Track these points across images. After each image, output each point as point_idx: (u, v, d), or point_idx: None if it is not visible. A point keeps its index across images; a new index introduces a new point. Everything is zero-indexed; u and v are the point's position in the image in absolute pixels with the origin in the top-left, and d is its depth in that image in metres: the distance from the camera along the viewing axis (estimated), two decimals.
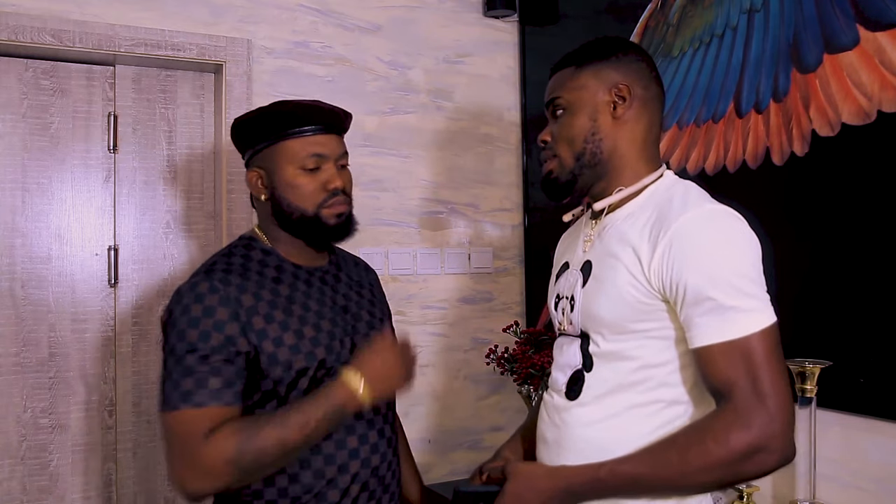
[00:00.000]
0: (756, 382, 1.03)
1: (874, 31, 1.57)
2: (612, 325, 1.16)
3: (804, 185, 1.73)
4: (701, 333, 1.06)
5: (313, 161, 1.35)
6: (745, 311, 1.04)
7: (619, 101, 1.21)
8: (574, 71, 1.25)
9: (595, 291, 1.19)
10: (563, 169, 1.24)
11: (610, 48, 1.25)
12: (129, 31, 2.18)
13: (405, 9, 2.59)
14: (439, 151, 2.63)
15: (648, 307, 1.12)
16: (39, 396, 2.16)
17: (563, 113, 1.24)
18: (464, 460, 2.62)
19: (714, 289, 1.05)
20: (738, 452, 1.02)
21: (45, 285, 2.18)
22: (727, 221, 1.11)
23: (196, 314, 1.25)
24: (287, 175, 1.35)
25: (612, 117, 1.21)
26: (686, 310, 1.08)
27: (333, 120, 1.38)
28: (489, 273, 2.71)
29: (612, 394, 1.16)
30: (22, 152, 2.17)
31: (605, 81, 1.22)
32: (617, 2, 2.32)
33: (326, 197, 1.35)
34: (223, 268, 1.32)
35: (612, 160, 1.22)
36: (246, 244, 1.41)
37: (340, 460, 1.31)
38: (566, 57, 1.28)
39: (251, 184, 1.42)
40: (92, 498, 2.21)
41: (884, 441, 1.58)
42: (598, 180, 1.24)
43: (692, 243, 1.08)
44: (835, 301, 1.65)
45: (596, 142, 1.21)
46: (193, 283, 1.29)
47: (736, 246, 1.09)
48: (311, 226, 1.36)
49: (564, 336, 1.28)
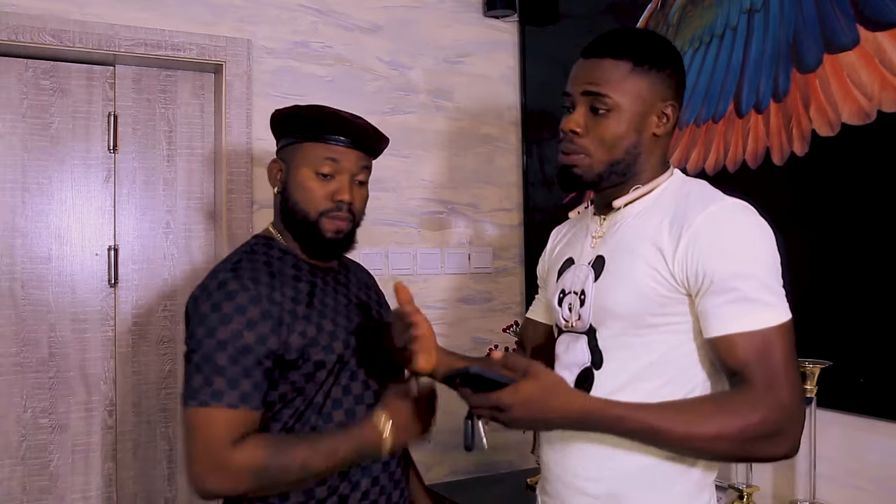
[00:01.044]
0: (772, 373, 1.05)
1: (874, 31, 1.57)
2: (630, 318, 1.16)
3: (804, 186, 1.73)
4: (722, 323, 1.08)
5: (328, 167, 1.35)
6: (767, 305, 1.07)
7: (664, 119, 1.21)
8: (631, 70, 1.18)
9: (611, 285, 1.19)
10: (590, 170, 1.21)
11: (666, 58, 1.21)
12: (129, 31, 2.18)
13: (405, 9, 2.59)
14: (439, 151, 2.63)
15: (669, 300, 1.13)
16: (39, 396, 2.16)
17: (609, 113, 1.18)
18: (464, 460, 2.62)
19: (739, 279, 1.07)
20: (758, 430, 1.04)
21: (45, 285, 2.18)
22: (749, 215, 1.14)
23: (227, 311, 1.25)
24: (301, 176, 1.37)
25: (653, 133, 1.21)
26: (708, 298, 1.09)
27: (360, 135, 1.38)
28: (489, 273, 2.71)
29: (624, 389, 1.15)
30: (22, 152, 2.17)
31: (658, 96, 1.19)
32: (617, 2, 2.32)
33: (331, 207, 1.36)
34: (250, 266, 1.33)
35: (637, 166, 1.22)
36: (265, 242, 1.43)
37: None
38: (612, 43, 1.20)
39: (270, 172, 1.43)
40: (92, 498, 2.21)
41: (884, 441, 1.58)
42: (620, 183, 1.24)
43: (718, 235, 1.10)
44: (835, 301, 1.65)
45: (635, 154, 1.21)
46: (222, 280, 1.29)
47: (761, 240, 1.12)
48: (309, 231, 1.38)
49: (569, 333, 1.27)
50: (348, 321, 1.40)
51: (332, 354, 1.34)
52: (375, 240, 2.52)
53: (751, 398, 1.05)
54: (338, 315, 1.39)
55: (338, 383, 1.35)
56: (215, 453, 1.21)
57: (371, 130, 1.40)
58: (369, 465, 1.35)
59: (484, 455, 2.65)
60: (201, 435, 1.22)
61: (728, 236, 1.10)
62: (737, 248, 1.10)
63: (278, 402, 1.32)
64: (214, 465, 1.21)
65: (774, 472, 1.76)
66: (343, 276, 1.49)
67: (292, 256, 1.41)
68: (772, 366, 1.05)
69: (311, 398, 1.32)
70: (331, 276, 1.45)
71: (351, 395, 1.36)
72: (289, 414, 1.32)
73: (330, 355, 1.33)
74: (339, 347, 1.35)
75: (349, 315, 1.41)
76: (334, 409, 1.34)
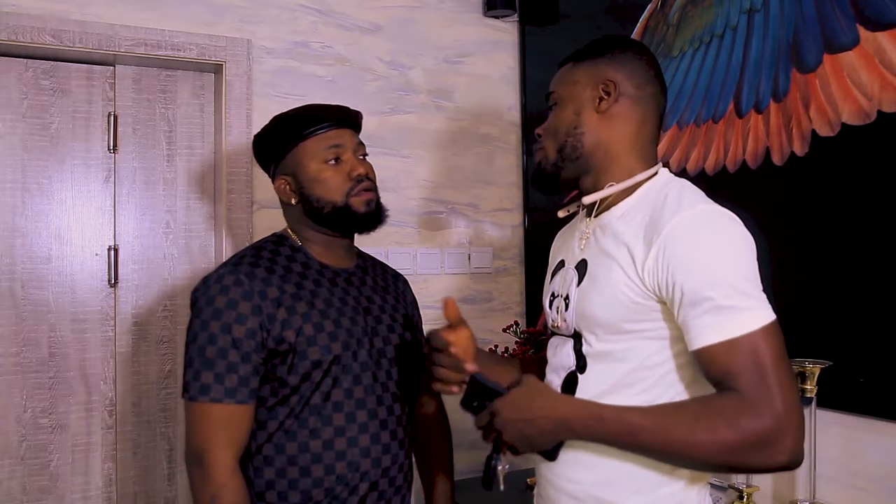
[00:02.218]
0: (762, 379, 0.99)
1: (874, 31, 1.57)
2: (607, 325, 1.15)
3: (804, 186, 1.72)
4: (700, 334, 1.04)
5: (333, 152, 1.41)
6: (744, 310, 1.02)
7: (605, 96, 1.21)
8: (571, 67, 1.27)
9: (590, 291, 1.18)
10: (546, 160, 1.26)
11: (608, 45, 1.25)
12: (129, 31, 2.18)
13: (405, 9, 2.59)
14: (439, 151, 2.63)
15: (642, 307, 1.11)
16: (39, 396, 2.16)
17: (555, 107, 1.27)
18: (464, 460, 2.62)
19: (711, 289, 1.03)
20: (747, 439, 0.98)
21: (45, 285, 2.18)
22: (720, 221, 1.09)
23: (219, 305, 1.30)
24: (311, 172, 1.40)
25: (595, 112, 1.21)
26: (683, 311, 1.06)
27: (343, 115, 1.44)
28: (489, 273, 2.71)
29: (607, 395, 1.14)
30: (22, 152, 2.17)
31: (596, 77, 1.22)
32: (617, 2, 2.32)
33: (352, 185, 1.41)
34: (250, 261, 1.36)
35: (596, 155, 1.22)
36: (276, 240, 1.45)
37: (351, 457, 1.34)
38: (571, 54, 1.30)
39: (280, 191, 1.46)
40: (92, 498, 2.21)
41: (884, 441, 1.58)
42: (584, 174, 1.24)
43: (686, 245, 1.06)
44: (835, 301, 1.65)
45: (577, 135, 1.22)
46: (220, 274, 1.34)
47: (730, 245, 1.07)
48: (343, 216, 1.41)
49: (557, 336, 1.28)
50: (353, 324, 1.40)
51: (328, 354, 1.34)
52: (375, 240, 2.51)
53: (744, 405, 0.99)
54: (342, 317, 1.39)
55: (338, 385, 1.35)
56: (196, 447, 1.28)
57: (347, 108, 1.46)
58: (368, 469, 1.35)
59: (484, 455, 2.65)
60: (193, 428, 1.30)
61: (696, 246, 1.06)
62: (704, 258, 1.05)
63: (270, 398, 1.33)
64: (195, 458, 1.29)
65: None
66: (358, 277, 1.49)
67: (303, 255, 1.43)
68: (760, 372, 1.00)
69: (307, 398, 1.33)
70: (342, 277, 1.46)
71: (353, 398, 1.36)
72: (285, 413, 1.33)
73: (326, 355, 1.34)
74: (337, 349, 1.35)
75: (355, 318, 1.41)
76: (335, 411, 1.34)
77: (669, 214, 1.09)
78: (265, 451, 1.34)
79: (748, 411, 0.99)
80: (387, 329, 1.46)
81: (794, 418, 0.99)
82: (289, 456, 1.33)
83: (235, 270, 1.33)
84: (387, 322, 1.47)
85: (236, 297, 1.30)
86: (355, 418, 1.35)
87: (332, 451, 1.33)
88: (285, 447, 1.33)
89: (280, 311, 1.32)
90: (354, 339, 1.38)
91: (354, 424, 1.35)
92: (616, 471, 1.14)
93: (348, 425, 1.34)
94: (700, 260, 1.05)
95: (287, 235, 1.47)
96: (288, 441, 1.33)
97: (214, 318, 1.29)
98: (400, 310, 1.54)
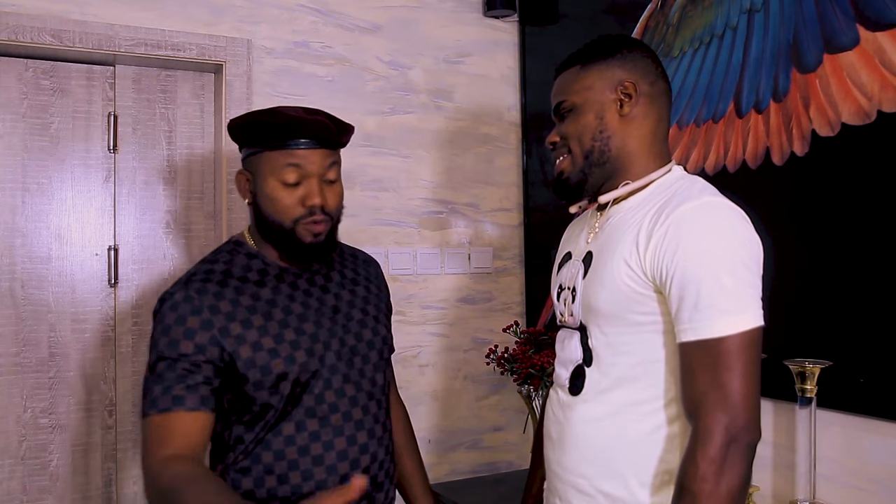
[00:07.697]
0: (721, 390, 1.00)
1: (874, 31, 1.57)
2: (610, 316, 1.15)
3: (804, 185, 1.73)
4: (681, 329, 1.05)
5: (294, 174, 1.30)
6: (723, 311, 1.02)
7: (626, 98, 1.21)
8: (579, 71, 1.24)
9: (594, 282, 1.18)
10: (573, 167, 1.24)
11: (614, 46, 1.24)
12: (129, 31, 2.18)
13: (405, 9, 2.59)
14: (439, 151, 2.63)
15: (643, 297, 1.11)
16: (39, 396, 2.16)
17: (571, 114, 1.24)
18: (464, 460, 2.62)
19: (696, 283, 1.03)
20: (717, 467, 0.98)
21: (45, 285, 2.18)
22: (723, 214, 1.09)
23: (168, 322, 1.27)
24: (267, 186, 1.32)
25: (619, 115, 1.21)
26: (673, 302, 1.07)
27: (321, 132, 1.32)
28: (489, 273, 2.71)
29: (612, 389, 1.15)
30: (22, 152, 2.17)
31: (611, 79, 1.21)
32: (617, 2, 2.32)
33: (304, 213, 1.32)
34: (202, 277, 1.32)
35: (621, 157, 1.22)
36: (231, 249, 1.40)
37: (328, 461, 1.31)
38: (570, 57, 1.28)
39: (238, 184, 1.39)
40: (92, 498, 2.21)
41: (884, 441, 1.58)
42: (608, 179, 1.23)
43: (684, 232, 1.06)
44: (835, 301, 1.65)
45: (604, 140, 1.21)
46: (171, 291, 1.31)
47: (729, 240, 1.06)
48: (287, 240, 1.34)
49: (565, 329, 1.28)
50: (317, 327, 1.35)
51: (292, 364, 1.30)
52: (375, 240, 2.52)
53: (693, 451, 1.00)
54: (304, 322, 1.34)
55: (309, 392, 1.31)
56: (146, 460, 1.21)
57: (332, 125, 1.33)
58: (346, 471, 1.32)
59: (484, 455, 2.66)
60: (143, 444, 1.23)
61: (693, 235, 1.05)
62: (699, 248, 1.04)
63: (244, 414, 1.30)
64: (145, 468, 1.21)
65: (774, 472, 1.77)
66: (322, 275, 1.42)
67: (260, 260, 1.38)
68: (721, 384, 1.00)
69: (279, 409, 1.30)
70: (304, 278, 1.39)
71: (325, 403, 1.33)
72: (260, 425, 1.30)
73: (290, 365, 1.30)
74: (301, 356, 1.31)
75: (319, 320, 1.36)
76: (307, 417, 1.31)
77: (675, 205, 1.10)
78: (241, 464, 1.31)
79: (700, 446, 0.99)
80: (358, 325, 1.41)
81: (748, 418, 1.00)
82: (265, 465, 1.30)
83: (186, 287, 1.30)
84: (358, 318, 1.42)
85: (185, 313, 1.27)
86: (329, 422, 1.32)
87: (308, 456, 1.30)
88: (261, 457, 1.30)
89: (234, 326, 1.28)
90: (320, 343, 1.34)
91: (329, 428, 1.31)
92: (624, 465, 1.14)
93: (323, 429, 1.31)
94: (694, 250, 1.05)
95: (243, 241, 1.41)
96: (263, 450, 1.30)
97: (163, 334, 1.26)
98: (372, 300, 1.48)
